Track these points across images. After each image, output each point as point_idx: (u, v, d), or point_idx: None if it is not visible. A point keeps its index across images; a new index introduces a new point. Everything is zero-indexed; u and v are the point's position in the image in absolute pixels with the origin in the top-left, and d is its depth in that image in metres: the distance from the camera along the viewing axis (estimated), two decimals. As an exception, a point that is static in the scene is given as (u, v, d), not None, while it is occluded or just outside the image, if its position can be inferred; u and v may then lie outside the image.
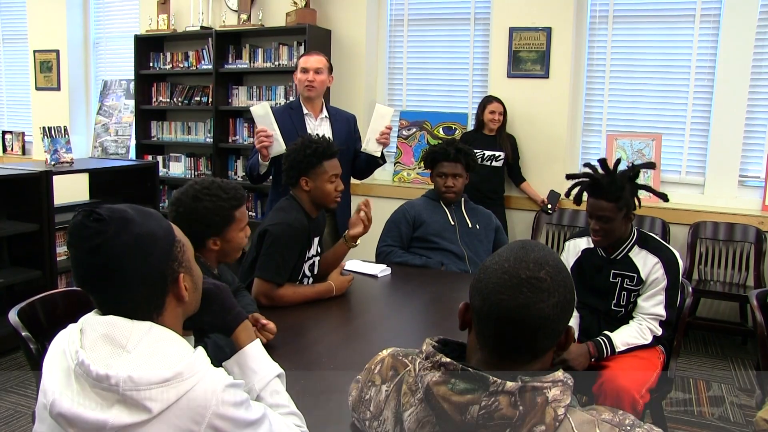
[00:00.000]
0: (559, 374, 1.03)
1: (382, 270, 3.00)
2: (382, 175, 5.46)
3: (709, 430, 3.26)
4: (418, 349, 1.14)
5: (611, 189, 2.45)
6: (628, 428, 1.02)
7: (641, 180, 4.46)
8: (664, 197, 2.58)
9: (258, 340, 1.47)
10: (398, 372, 1.23)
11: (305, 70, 3.44)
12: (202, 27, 5.78)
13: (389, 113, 3.40)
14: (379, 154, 3.43)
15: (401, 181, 5.45)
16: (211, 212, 1.99)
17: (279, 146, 3.18)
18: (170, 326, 1.22)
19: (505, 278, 1.04)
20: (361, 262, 3.11)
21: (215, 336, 1.74)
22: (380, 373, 1.27)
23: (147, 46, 6.10)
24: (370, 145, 3.39)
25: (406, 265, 3.16)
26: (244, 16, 5.68)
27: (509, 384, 0.99)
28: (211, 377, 1.15)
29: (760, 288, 3.56)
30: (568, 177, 2.65)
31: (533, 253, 1.07)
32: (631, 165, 2.54)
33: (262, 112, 3.22)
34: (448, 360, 1.05)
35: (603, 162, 2.52)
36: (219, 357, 1.38)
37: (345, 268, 2.87)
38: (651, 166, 2.70)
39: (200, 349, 1.21)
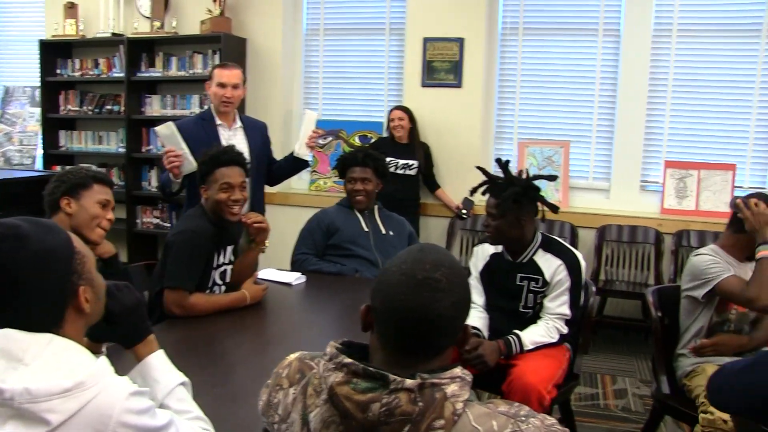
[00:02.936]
0: (458, 371, 1.08)
1: (296, 278, 3.01)
2: (298, 183, 5.47)
3: (614, 421, 3.43)
4: (323, 352, 1.18)
5: (500, 188, 2.61)
6: (523, 418, 1.08)
7: (551, 187, 4.68)
8: (554, 208, 2.68)
9: (161, 350, 1.45)
10: (305, 374, 1.25)
11: (223, 85, 3.39)
12: (113, 34, 5.63)
13: (315, 117, 3.52)
14: (309, 158, 3.53)
15: (318, 190, 5.47)
16: (68, 173, 2.24)
17: (190, 164, 3.10)
18: (71, 338, 1.19)
19: (404, 279, 1.09)
20: (276, 270, 3.11)
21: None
22: (288, 377, 1.28)
23: (53, 51, 5.86)
24: (303, 149, 3.46)
25: (320, 272, 3.18)
26: (157, 24, 5.56)
27: (408, 381, 1.03)
28: (114, 386, 1.14)
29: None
30: (473, 191, 2.81)
31: (430, 256, 1.12)
32: (529, 176, 2.66)
33: (167, 132, 3.14)
34: (350, 360, 1.08)
35: (498, 160, 2.71)
36: None
37: (259, 276, 2.87)
38: (552, 178, 2.83)
39: (103, 357, 1.20)
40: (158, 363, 1.42)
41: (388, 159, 4.61)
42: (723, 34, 4.72)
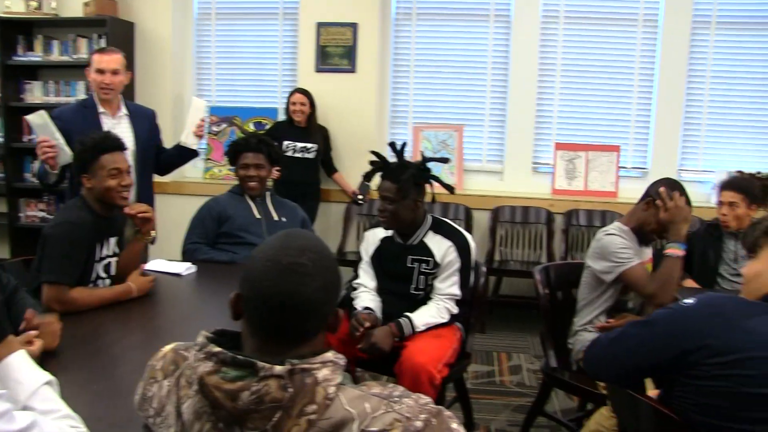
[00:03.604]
0: (329, 355, 1.08)
1: (186, 268, 2.93)
2: (192, 172, 5.32)
3: (509, 396, 3.56)
4: (196, 342, 1.15)
5: (396, 172, 2.63)
6: (396, 399, 1.08)
7: (446, 170, 4.76)
8: (451, 189, 2.74)
9: (22, 351, 1.37)
10: (179, 366, 1.22)
11: (101, 71, 3.25)
12: (-19, 13, 5.26)
13: (203, 105, 3.42)
14: (197, 147, 3.44)
15: (212, 178, 5.35)
16: None
17: (65, 155, 2.95)
18: None
19: (269, 265, 1.09)
20: (165, 261, 3.01)
21: None
22: (162, 369, 1.25)
23: None
24: (189, 138, 3.37)
25: (212, 261, 3.11)
26: (34, 4, 5.22)
27: (277, 368, 1.03)
28: None
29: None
30: (366, 175, 2.82)
31: (296, 241, 1.12)
32: (423, 158, 2.70)
33: (40, 121, 2.97)
34: (219, 349, 1.07)
35: (392, 145, 2.75)
36: None
37: (146, 268, 2.78)
38: (444, 161, 2.88)
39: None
40: (19, 363, 1.34)
41: (285, 142, 4.58)
42: (605, 23, 4.95)
